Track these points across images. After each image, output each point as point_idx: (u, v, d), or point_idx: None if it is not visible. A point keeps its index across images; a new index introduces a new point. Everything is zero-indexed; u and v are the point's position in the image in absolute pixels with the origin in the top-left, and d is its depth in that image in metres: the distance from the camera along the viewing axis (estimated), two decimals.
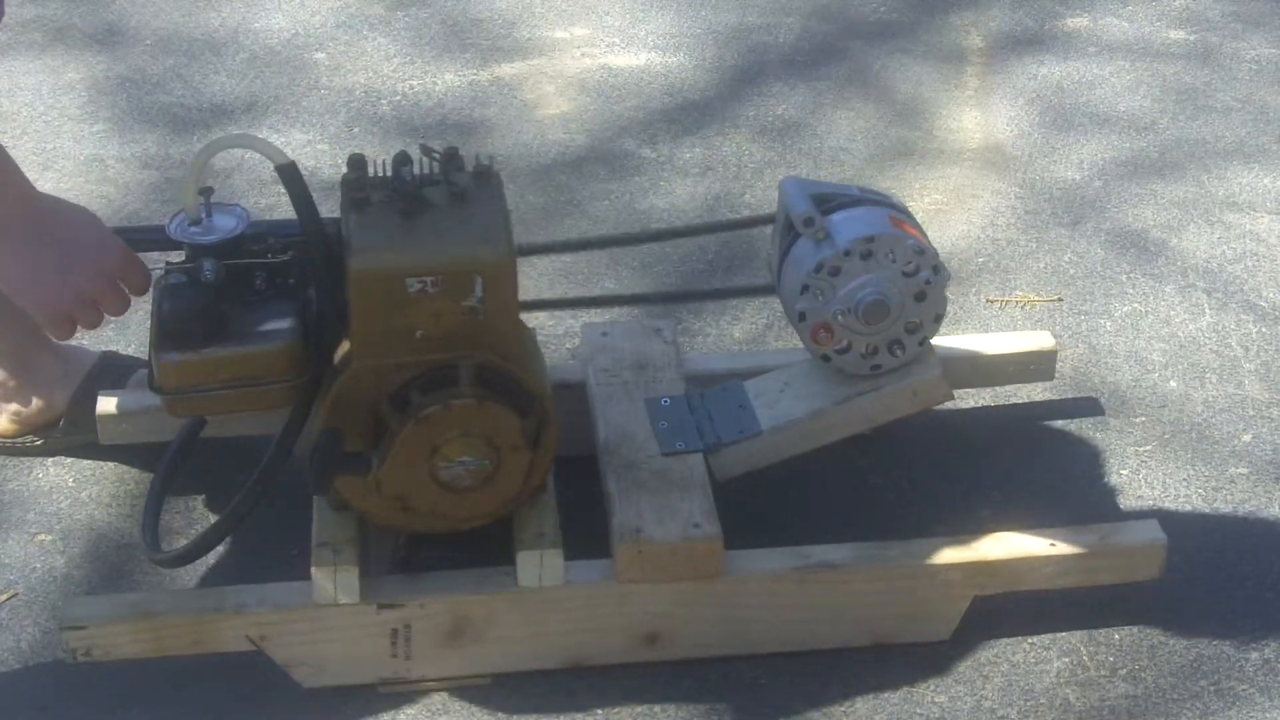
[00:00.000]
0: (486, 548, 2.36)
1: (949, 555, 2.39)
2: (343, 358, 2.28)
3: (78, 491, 2.69)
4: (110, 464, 2.73)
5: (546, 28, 3.96)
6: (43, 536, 2.62)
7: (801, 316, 2.43)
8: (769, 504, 2.65)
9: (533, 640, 2.37)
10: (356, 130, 3.58)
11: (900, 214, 2.47)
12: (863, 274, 2.40)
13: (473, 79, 3.77)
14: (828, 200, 2.44)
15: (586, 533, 2.40)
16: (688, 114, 3.67)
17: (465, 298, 2.22)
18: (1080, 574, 2.44)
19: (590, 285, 3.15)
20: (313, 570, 2.29)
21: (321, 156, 3.48)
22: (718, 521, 2.35)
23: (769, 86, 3.76)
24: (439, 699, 2.38)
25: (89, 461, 2.74)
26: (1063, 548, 2.40)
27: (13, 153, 2.26)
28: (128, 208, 3.31)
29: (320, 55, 3.84)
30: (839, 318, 2.42)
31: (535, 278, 3.14)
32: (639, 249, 3.21)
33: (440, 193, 2.28)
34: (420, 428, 2.23)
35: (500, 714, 2.36)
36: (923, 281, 2.42)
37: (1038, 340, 2.81)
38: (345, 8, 4.01)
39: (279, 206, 3.18)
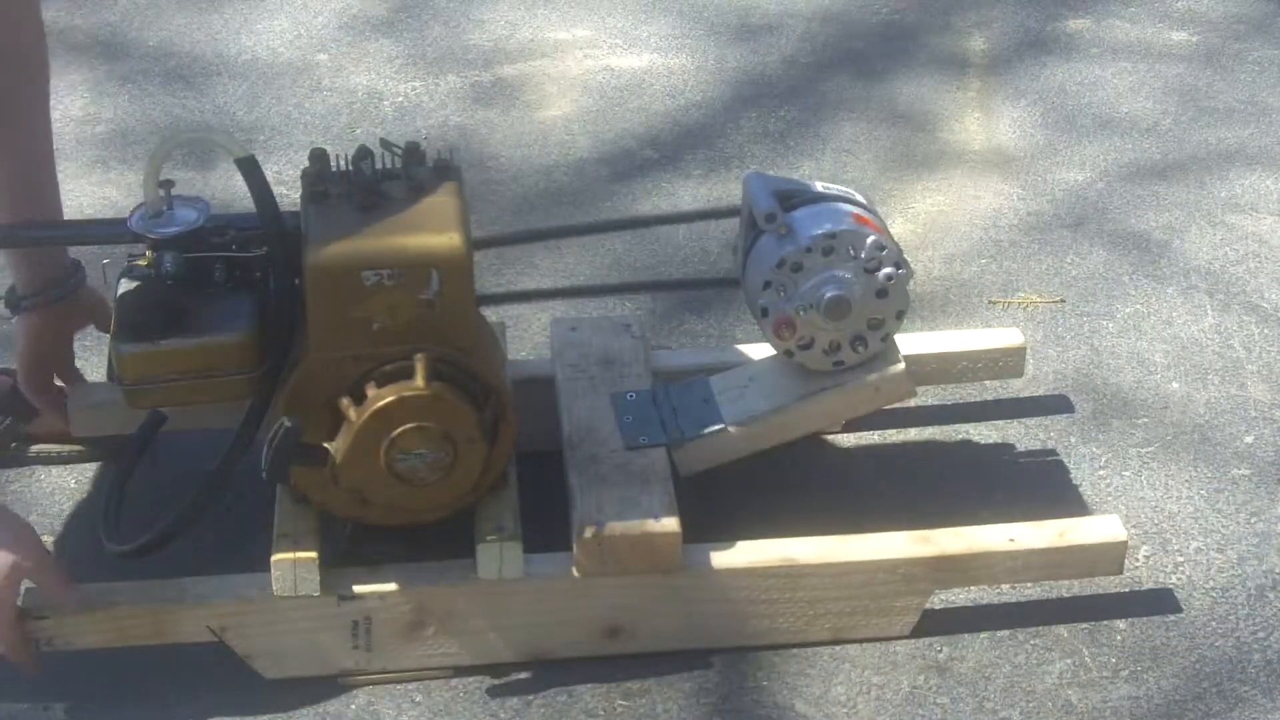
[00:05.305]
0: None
1: (908, 550, 2.38)
2: (300, 349, 2.30)
3: (80, 493, 2.70)
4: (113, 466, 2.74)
5: (549, 29, 3.98)
6: (45, 538, 2.61)
7: (764, 312, 2.42)
8: (765, 503, 2.65)
9: (493, 633, 2.37)
10: (359, 131, 3.59)
11: (864, 210, 2.46)
12: (824, 270, 2.40)
13: (475, 80, 3.78)
14: (791, 196, 2.45)
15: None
16: (690, 115, 3.68)
17: (421, 291, 2.23)
18: (1041, 570, 2.42)
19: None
20: (273, 562, 2.30)
21: None
22: (677, 515, 2.34)
23: (771, 88, 3.77)
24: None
25: (91, 464, 2.74)
26: (1021, 543, 2.39)
27: None
28: (131, 209, 3.32)
29: (323, 56, 3.86)
30: (801, 313, 2.41)
31: (538, 279, 3.15)
32: (643, 250, 3.22)
33: (399, 187, 2.30)
34: (375, 420, 2.23)
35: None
36: (885, 278, 2.41)
37: (1006, 337, 2.79)
38: (347, 9, 4.03)
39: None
